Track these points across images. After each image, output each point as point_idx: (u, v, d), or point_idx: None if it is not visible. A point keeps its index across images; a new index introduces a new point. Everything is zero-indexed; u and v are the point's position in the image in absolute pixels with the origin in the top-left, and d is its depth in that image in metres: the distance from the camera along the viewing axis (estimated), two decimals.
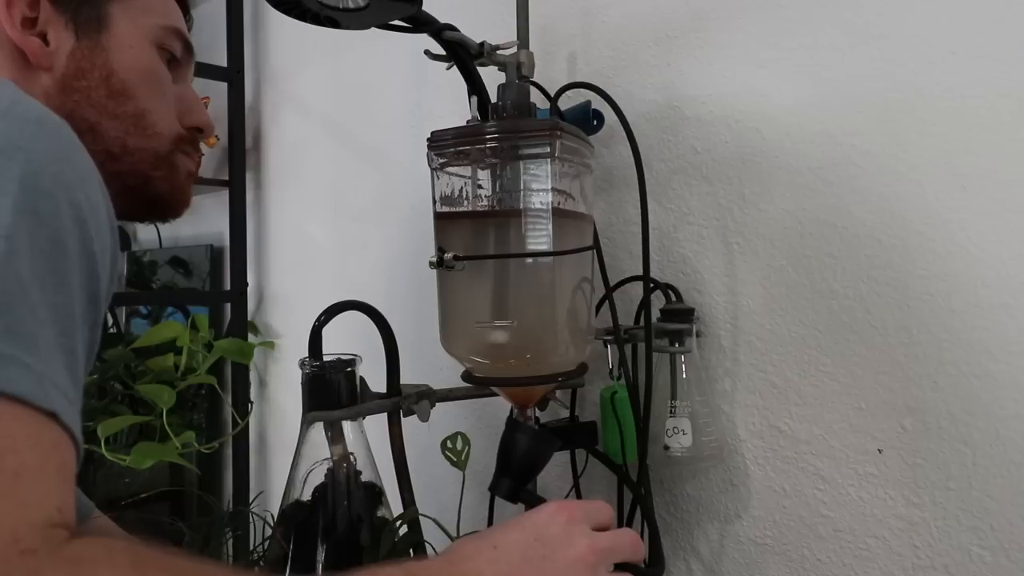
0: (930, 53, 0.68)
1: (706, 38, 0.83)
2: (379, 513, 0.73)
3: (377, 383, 0.76)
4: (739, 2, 0.80)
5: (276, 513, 0.72)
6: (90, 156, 0.47)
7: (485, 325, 0.67)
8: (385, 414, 0.77)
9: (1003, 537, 0.65)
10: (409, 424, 0.78)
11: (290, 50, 1.45)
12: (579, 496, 0.89)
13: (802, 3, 0.76)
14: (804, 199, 0.76)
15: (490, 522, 0.87)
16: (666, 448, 0.78)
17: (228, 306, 1.51)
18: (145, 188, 0.63)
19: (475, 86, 0.76)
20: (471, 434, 0.83)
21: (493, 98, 0.73)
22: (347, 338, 0.73)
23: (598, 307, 0.80)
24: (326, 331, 0.72)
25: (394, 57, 1.22)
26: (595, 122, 0.86)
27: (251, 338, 1.48)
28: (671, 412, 0.79)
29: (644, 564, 0.72)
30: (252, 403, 1.50)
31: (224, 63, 1.47)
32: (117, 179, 0.56)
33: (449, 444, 0.81)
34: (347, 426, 0.71)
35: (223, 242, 1.57)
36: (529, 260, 0.66)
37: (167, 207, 0.66)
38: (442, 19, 0.73)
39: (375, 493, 0.73)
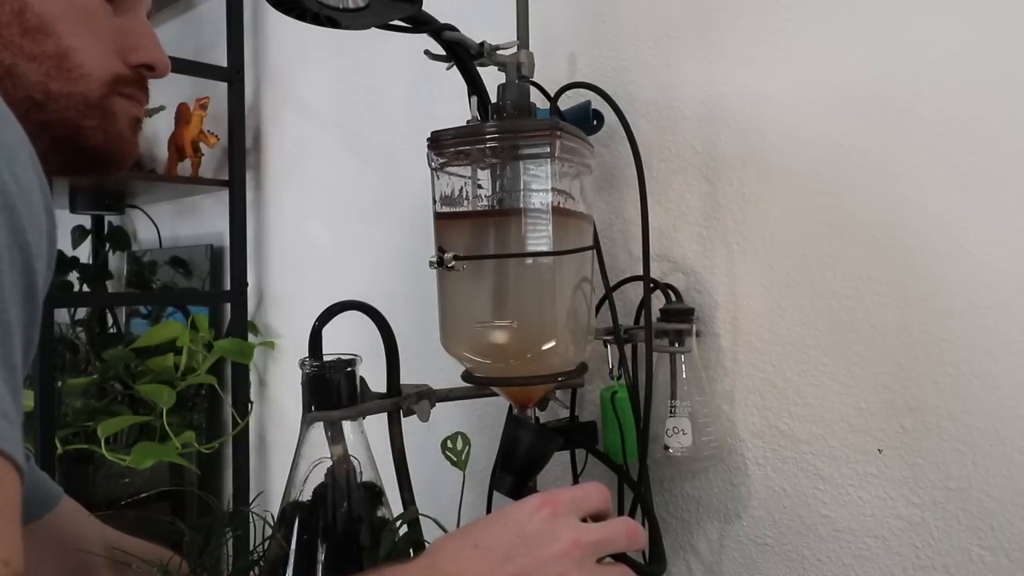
0: (930, 53, 0.68)
1: (706, 38, 0.83)
2: (379, 513, 0.72)
3: (377, 383, 0.76)
4: (739, 2, 0.80)
5: (276, 513, 0.72)
6: (14, 116, 0.40)
7: (485, 325, 0.67)
8: (385, 414, 0.77)
9: (1003, 537, 0.65)
10: (409, 424, 0.78)
11: (290, 50, 1.45)
12: None
13: (802, 3, 0.76)
14: (804, 199, 0.76)
15: None
16: (666, 448, 0.78)
17: (228, 306, 1.51)
18: (76, 140, 0.55)
19: (475, 86, 0.76)
20: (471, 434, 0.83)
21: (493, 98, 0.73)
22: (347, 338, 0.73)
23: (598, 307, 0.80)
24: (326, 331, 0.72)
25: (394, 57, 1.22)
26: (595, 122, 0.86)
27: (251, 338, 1.48)
28: (671, 412, 0.79)
29: (645, 559, 0.73)
30: (252, 403, 1.50)
31: (224, 63, 1.47)
32: (44, 131, 0.50)
33: (449, 444, 0.81)
34: (347, 426, 0.71)
35: (223, 242, 1.57)
36: (529, 260, 0.66)
37: (106, 160, 0.57)
38: (442, 19, 0.73)
39: (375, 493, 0.73)
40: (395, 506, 0.75)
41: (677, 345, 0.80)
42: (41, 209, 0.40)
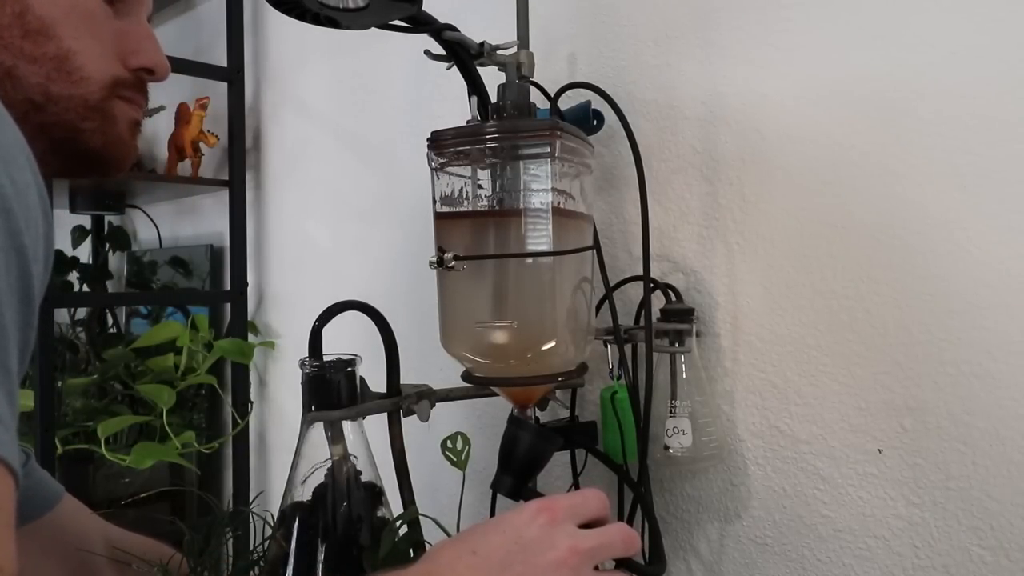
0: (930, 53, 0.68)
1: (706, 38, 0.83)
2: (379, 513, 0.72)
3: (377, 383, 0.76)
4: (739, 2, 0.80)
5: (276, 513, 0.72)
6: (11, 118, 0.40)
7: (485, 325, 0.67)
8: (385, 414, 0.77)
9: (1003, 537, 0.65)
10: (409, 424, 0.78)
11: (290, 50, 1.45)
12: None
13: (802, 3, 0.76)
14: (804, 199, 0.76)
15: None
16: (666, 448, 0.78)
17: (228, 306, 1.51)
18: (75, 142, 0.55)
19: (475, 86, 0.76)
20: (471, 434, 0.83)
21: (493, 98, 0.73)
22: (347, 338, 0.73)
23: (598, 307, 0.80)
24: (326, 331, 0.72)
25: (394, 57, 1.22)
26: (595, 122, 0.86)
27: (251, 338, 1.49)
28: (671, 412, 0.79)
29: (644, 561, 0.73)
30: (252, 403, 1.50)
31: (224, 63, 1.47)
32: (43, 133, 0.50)
33: (449, 444, 0.81)
34: (347, 426, 0.71)
35: (223, 242, 1.57)
36: (529, 260, 0.66)
37: (105, 163, 0.57)
38: (442, 19, 0.73)
39: (375, 493, 0.73)
40: (395, 506, 0.75)
41: (677, 345, 0.80)
42: (38, 212, 0.40)
